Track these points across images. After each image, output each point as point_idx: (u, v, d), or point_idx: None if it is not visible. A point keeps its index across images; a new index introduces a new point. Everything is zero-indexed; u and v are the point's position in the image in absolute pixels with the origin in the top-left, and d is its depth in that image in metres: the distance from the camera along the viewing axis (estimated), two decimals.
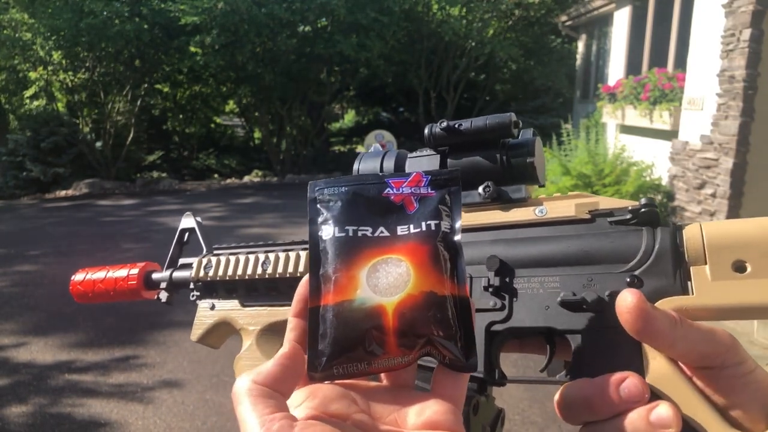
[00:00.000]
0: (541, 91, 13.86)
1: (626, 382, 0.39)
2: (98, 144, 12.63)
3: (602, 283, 0.45)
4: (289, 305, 0.59)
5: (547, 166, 7.97)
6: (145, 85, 12.96)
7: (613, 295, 0.43)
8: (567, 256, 0.47)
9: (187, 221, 0.75)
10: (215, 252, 0.69)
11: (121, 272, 0.74)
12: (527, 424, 2.93)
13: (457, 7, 12.49)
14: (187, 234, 0.75)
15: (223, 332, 0.67)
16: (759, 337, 3.62)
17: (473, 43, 12.59)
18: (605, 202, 0.48)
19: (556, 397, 0.42)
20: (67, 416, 3.07)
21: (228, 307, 0.66)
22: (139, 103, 12.98)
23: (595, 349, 0.44)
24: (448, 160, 0.54)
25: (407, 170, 0.56)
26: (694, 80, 6.44)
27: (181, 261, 0.74)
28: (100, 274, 0.75)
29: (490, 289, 0.49)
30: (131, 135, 12.67)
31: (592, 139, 7.53)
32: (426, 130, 0.53)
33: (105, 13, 10.85)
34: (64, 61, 11.66)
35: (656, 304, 0.40)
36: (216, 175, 13.84)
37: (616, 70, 9.56)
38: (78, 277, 0.77)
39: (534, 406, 3.06)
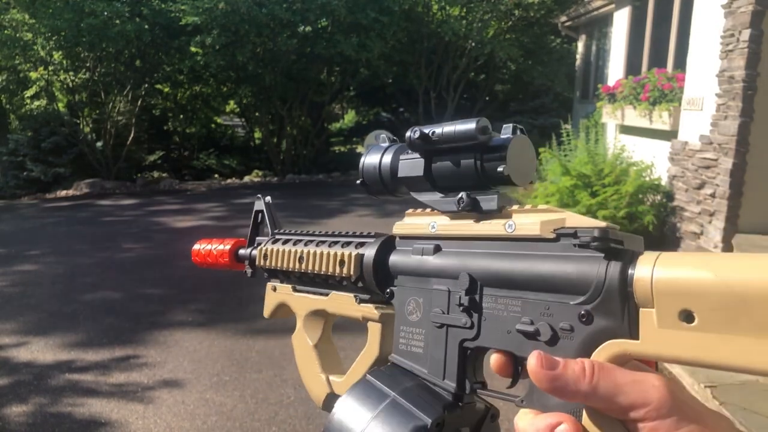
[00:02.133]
0: (540, 92, 13.85)
1: (561, 427, 0.39)
2: (99, 144, 12.63)
3: (558, 314, 0.43)
4: (323, 295, 0.66)
5: (547, 167, 7.95)
6: (146, 85, 12.96)
7: (565, 330, 0.42)
8: (529, 279, 0.46)
9: (259, 203, 0.83)
10: (276, 237, 0.75)
11: (220, 247, 0.86)
12: None
13: (457, 8, 12.49)
14: (261, 215, 0.82)
15: (286, 310, 0.74)
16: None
17: (473, 44, 12.59)
18: (572, 220, 0.45)
19: (515, 419, 0.43)
20: (67, 416, 3.08)
21: (285, 291, 0.72)
22: (139, 103, 12.99)
23: None
24: (432, 164, 0.54)
25: (399, 174, 0.57)
26: (693, 80, 6.44)
27: (259, 239, 0.81)
28: (208, 247, 0.88)
29: (461, 307, 0.49)
30: (132, 135, 12.67)
31: (591, 139, 7.54)
32: (407, 135, 0.53)
33: (106, 13, 10.85)
34: (64, 61, 11.67)
35: (600, 348, 0.40)
36: (216, 175, 13.84)
37: (615, 70, 9.56)
38: (196, 246, 0.92)
39: None
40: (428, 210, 0.56)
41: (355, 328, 0.71)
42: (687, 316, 0.36)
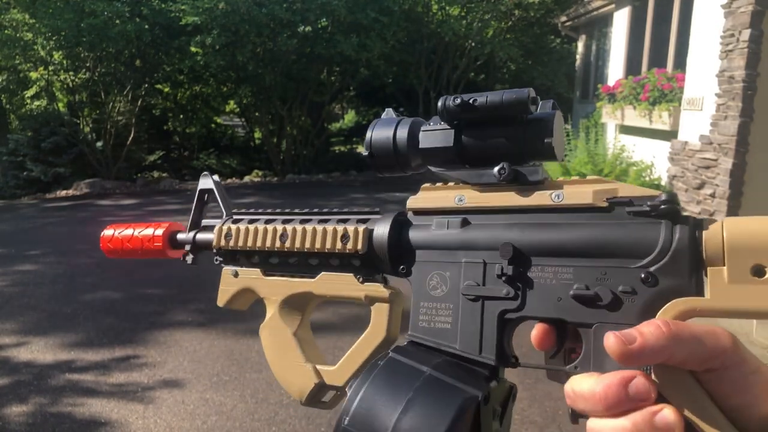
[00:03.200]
0: (540, 92, 13.54)
1: (635, 380, 0.39)
2: (99, 144, 12.63)
3: (616, 278, 0.44)
4: (307, 278, 0.61)
5: (547, 167, 8.00)
6: (146, 85, 12.96)
7: (626, 292, 0.43)
8: (581, 246, 0.46)
9: (205, 182, 0.75)
10: (235, 218, 0.69)
11: (147, 232, 0.75)
12: (527, 423, 2.93)
13: (457, 8, 12.50)
14: (206, 195, 0.75)
15: (247, 298, 0.67)
16: (758, 336, 3.63)
17: (473, 44, 12.59)
18: (624, 190, 0.46)
19: (565, 386, 0.43)
20: (67, 416, 3.08)
21: (251, 276, 0.65)
22: (139, 103, 12.99)
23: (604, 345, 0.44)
24: (463, 136, 0.52)
25: (421, 145, 0.54)
26: (693, 80, 6.45)
27: (204, 222, 0.74)
28: (128, 232, 0.77)
29: (504, 278, 0.48)
30: (132, 135, 12.67)
31: (591, 140, 7.54)
32: (439, 103, 0.51)
33: (106, 13, 10.85)
34: (64, 61, 11.67)
35: (666, 306, 0.41)
36: (216, 175, 13.81)
37: (615, 70, 9.57)
38: (107, 233, 0.79)
39: (534, 406, 3.07)
40: (450, 184, 0.54)
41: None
42: (758, 271, 0.39)
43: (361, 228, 0.57)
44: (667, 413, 0.38)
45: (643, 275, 0.43)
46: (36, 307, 4.76)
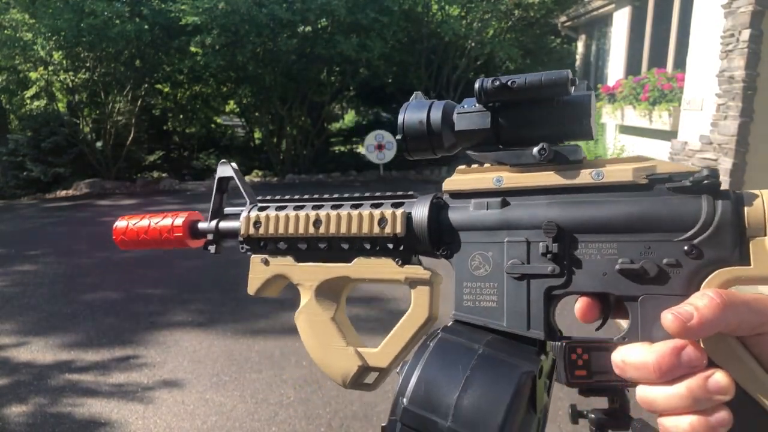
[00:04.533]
0: None
1: (686, 348, 0.41)
2: (99, 144, 12.64)
3: (660, 251, 0.45)
4: (344, 262, 0.61)
5: None
6: (146, 85, 12.96)
7: (671, 265, 0.45)
8: (624, 222, 0.47)
9: (224, 169, 0.74)
10: (260, 205, 0.68)
11: (165, 221, 0.74)
12: None
13: (456, 8, 12.49)
14: (225, 183, 0.74)
15: (279, 285, 0.67)
16: None
17: (473, 44, 12.59)
18: (663, 167, 0.47)
19: (613, 356, 0.45)
20: (67, 416, 3.08)
21: (282, 263, 0.65)
22: (139, 103, 12.99)
23: (651, 316, 0.45)
24: (500, 117, 0.53)
25: (457, 127, 0.54)
26: (693, 81, 6.45)
27: (226, 210, 0.73)
28: (143, 223, 0.76)
29: (548, 255, 0.49)
30: (132, 135, 12.67)
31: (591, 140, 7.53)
32: (477, 85, 0.51)
33: (106, 13, 10.86)
34: (64, 62, 11.67)
35: (711, 276, 0.43)
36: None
37: (615, 70, 9.57)
38: (120, 224, 0.77)
39: None
40: (486, 165, 0.55)
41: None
42: None
43: (399, 211, 0.57)
44: (719, 377, 0.39)
45: (686, 248, 0.44)
46: (36, 307, 4.76)
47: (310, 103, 13.62)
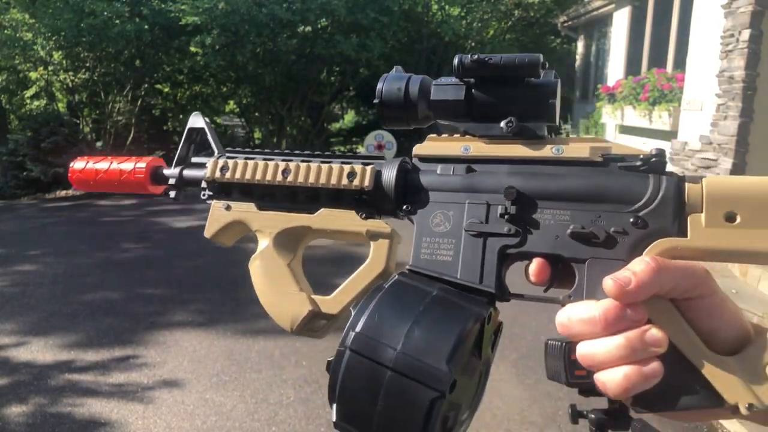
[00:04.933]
0: None
1: (629, 304, 0.45)
2: (99, 144, 12.63)
3: (609, 220, 0.49)
4: (307, 212, 0.62)
5: None
6: (146, 85, 12.96)
7: (618, 232, 0.49)
8: (578, 192, 0.51)
9: (196, 120, 0.74)
10: (229, 155, 0.69)
11: (127, 164, 0.74)
12: (527, 423, 2.93)
13: (456, 8, 12.50)
14: (195, 134, 0.74)
15: (236, 231, 0.68)
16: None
17: (473, 44, 12.60)
18: (617, 148, 0.52)
19: (558, 315, 0.48)
20: (67, 416, 3.08)
21: (244, 209, 0.66)
22: (139, 103, 12.99)
23: (597, 277, 0.48)
24: (473, 91, 0.56)
25: (432, 96, 0.57)
26: (693, 81, 6.45)
27: (193, 160, 0.73)
28: (103, 164, 0.75)
29: (506, 216, 0.52)
30: (132, 135, 12.67)
31: None
32: (455, 60, 0.55)
33: (105, 13, 10.85)
34: (64, 62, 11.66)
35: (653, 245, 0.47)
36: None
37: (615, 70, 9.57)
38: (78, 164, 0.76)
39: (533, 406, 3.07)
40: (455, 135, 0.58)
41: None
42: (730, 217, 0.46)
43: (369, 167, 0.60)
44: (655, 331, 0.44)
45: (632, 219, 0.49)
46: (36, 307, 4.76)
47: (310, 103, 13.62)
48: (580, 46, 12.45)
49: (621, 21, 9.51)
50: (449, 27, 11.95)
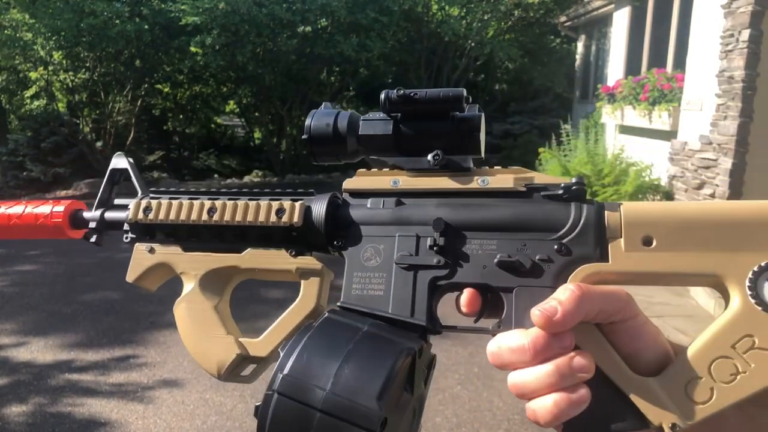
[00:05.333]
0: (540, 92, 13.84)
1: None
2: (99, 144, 12.63)
3: (534, 248, 0.51)
4: (234, 252, 0.61)
5: (547, 166, 7.92)
6: (146, 85, 12.96)
7: (543, 260, 0.50)
8: (504, 222, 0.53)
9: (119, 161, 0.71)
10: (152, 195, 0.67)
11: (43, 208, 0.70)
12: (527, 423, 2.93)
13: (456, 8, 12.49)
14: (118, 175, 0.71)
15: (161, 275, 0.67)
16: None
17: (473, 44, 12.59)
18: (540, 178, 0.54)
19: (489, 345, 0.48)
20: (67, 416, 3.08)
21: (169, 251, 0.64)
22: (139, 103, 12.99)
23: (525, 305, 0.49)
24: (401, 126, 0.56)
25: (360, 132, 0.58)
26: (693, 81, 6.45)
27: (116, 202, 0.71)
28: (17, 209, 0.71)
29: (435, 248, 0.53)
30: (132, 135, 12.67)
31: (591, 140, 7.54)
32: (382, 96, 0.56)
33: (105, 13, 10.85)
34: (64, 61, 11.66)
35: (576, 271, 0.49)
36: (216, 175, 13.83)
37: (615, 70, 9.57)
38: None
39: None
40: (385, 170, 0.59)
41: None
42: (647, 241, 0.48)
43: (298, 203, 0.60)
44: (581, 357, 0.45)
45: (557, 246, 0.50)
46: (36, 307, 4.76)
47: (310, 103, 13.61)
48: (580, 46, 12.45)
49: (621, 21, 9.51)
50: (449, 27, 11.94)
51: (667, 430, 0.44)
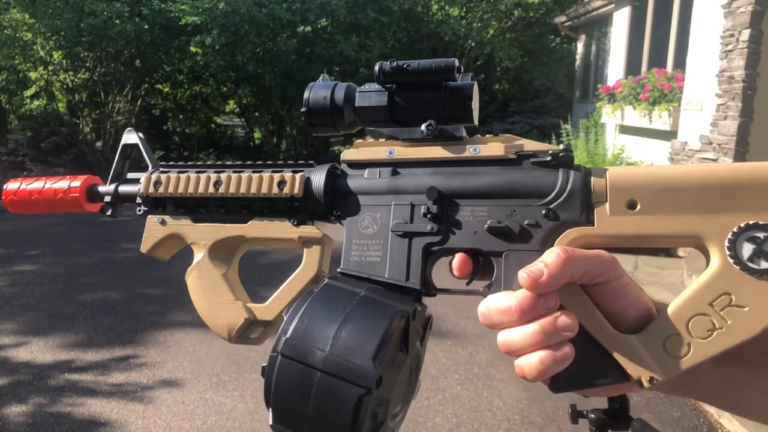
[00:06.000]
0: (540, 92, 13.84)
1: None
2: (98, 144, 12.63)
3: (523, 213, 0.53)
4: (240, 222, 0.64)
5: None
6: (146, 85, 12.96)
7: (531, 225, 0.52)
8: (494, 190, 0.54)
9: (130, 137, 0.75)
10: (162, 170, 0.70)
11: (62, 183, 0.74)
12: (527, 423, 2.93)
13: (456, 8, 12.49)
14: (130, 150, 0.75)
15: (172, 245, 0.69)
16: None
17: (473, 44, 12.59)
18: (530, 145, 0.55)
19: (479, 306, 0.51)
20: (66, 416, 3.08)
21: (179, 223, 0.67)
22: (139, 103, 12.99)
23: (514, 268, 0.51)
24: (395, 97, 0.58)
25: (356, 103, 0.60)
26: (693, 81, 6.45)
27: (128, 176, 0.74)
28: (37, 185, 0.75)
29: (429, 216, 0.55)
30: None
31: (591, 139, 7.54)
32: (376, 68, 0.57)
33: (105, 13, 10.85)
34: (64, 61, 11.66)
35: (563, 235, 0.51)
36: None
37: (615, 70, 9.57)
38: (11, 186, 0.76)
39: (533, 406, 3.07)
40: (381, 140, 0.61)
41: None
42: (631, 205, 0.50)
43: (298, 175, 0.62)
44: (565, 317, 0.47)
45: (544, 211, 0.52)
46: (35, 307, 4.76)
47: None
48: (580, 46, 12.45)
49: (621, 21, 9.51)
50: (449, 27, 11.95)
51: (645, 383, 0.47)
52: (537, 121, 12.71)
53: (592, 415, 0.55)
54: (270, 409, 0.48)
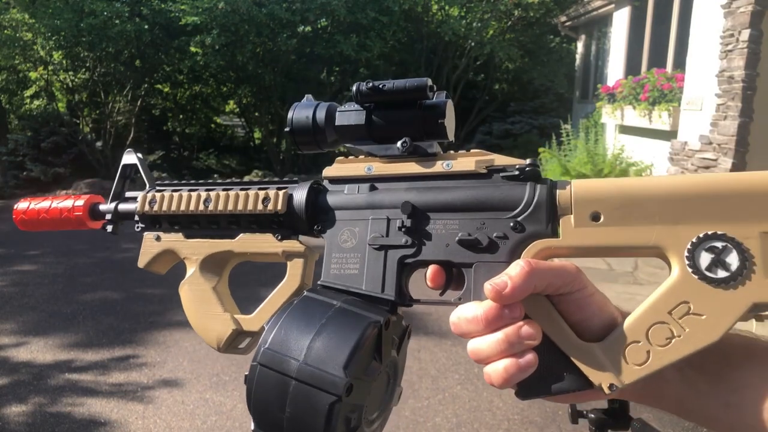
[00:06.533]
0: (540, 92, 13.84)
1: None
2: (98, 144, 12.63)
3: (492, 226, 0.55)
4: (228, 238, 0.67)
5: (547, 166, 7.92)
6: (146, 85, 12.95)
7: (499, 237, 0.54)
8: (465, 203, 0.56)
9: (129, 158, 0.79)
10: (158, 188, 0.73)
11: (66, 203, 0.79)
12: (527, 423, 2.93)
13: (456, 8, 12.49)
14: (129, 170, 0.79)
15: (168, 260, 0.73)
16: (758, 332, 3.67)
17: (472, 44, 12.59)
18: (500, 160, 0.57)
19: (451, 316, 0.52)
20: (66, 416, 3.08)
21: (172, 239, 0.71)
22: (139, 103, 12.98)
23: (483, 279, 0.52)
24: (372, 116, 0.61)
25: (337, 122, 0.62)
26: (693, 81, 6.45)
27: (127, 194, 0.78)
28: (44, 204, 0.80)
29: (403, 229, 0.57)
30: (131, 135, 12.66)
31: (591, 139, 7.54)
32: (354, 88, 0.60)
33: (105, 13, 10.84)
34: (64, 61, 11.66)
35: (530, 247, 0.52)
36: (216, 175, 13.82)
37: (615, 70, 9.57)
38: (21, 206, 0.81)
39: (533, 406, 3.07)
40: (361, 157, 0.64)
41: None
42: (595, 217, 0.51)
43: (282, 192, 0.65)
44: (529, 327, 0.49)
45: (512, 224, 0.54)
46: (35, 307, 4.76)
47: None
48: (580, 46, 12.45)
49: (621, 21, 9.51)
50: (449, 27, 11.94)
51: (606, 389, 0.48)
52: (537, 121, 12.71)
53: (592, 415, 0.55)
54: (252, 415, 0.51)
